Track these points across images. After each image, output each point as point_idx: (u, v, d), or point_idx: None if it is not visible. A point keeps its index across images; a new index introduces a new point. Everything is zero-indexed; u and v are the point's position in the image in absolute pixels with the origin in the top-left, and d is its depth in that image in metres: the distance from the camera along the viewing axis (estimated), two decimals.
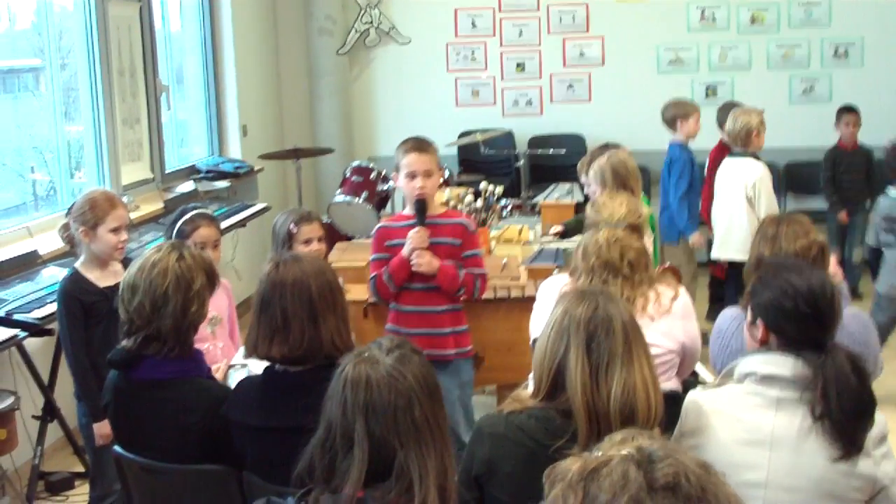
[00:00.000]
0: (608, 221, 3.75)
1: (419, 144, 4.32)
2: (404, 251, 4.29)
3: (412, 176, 4.27)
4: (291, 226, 4.41)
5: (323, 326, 2.78)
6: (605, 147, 5.14)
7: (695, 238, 7.01)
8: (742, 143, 6.46)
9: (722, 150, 7.07)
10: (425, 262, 4.25)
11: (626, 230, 3.51)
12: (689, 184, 7.09)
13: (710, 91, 9.74)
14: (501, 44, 9.86)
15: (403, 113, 9.94)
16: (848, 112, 8.42)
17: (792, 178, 9.63)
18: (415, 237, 4.27)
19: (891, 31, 9.65)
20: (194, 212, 4.49)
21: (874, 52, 9.71)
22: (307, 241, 4.38)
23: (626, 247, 3.37)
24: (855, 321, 3.44)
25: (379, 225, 4.51)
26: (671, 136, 7.24)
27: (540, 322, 3.09)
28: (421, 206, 4.34)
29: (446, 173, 6.93)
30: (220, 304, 4.32)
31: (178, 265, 3.10)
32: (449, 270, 4.28)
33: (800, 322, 2.63)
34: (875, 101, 9.22)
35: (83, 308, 4.29)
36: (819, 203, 9.07)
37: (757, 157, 6.48)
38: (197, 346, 3.26)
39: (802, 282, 2.67)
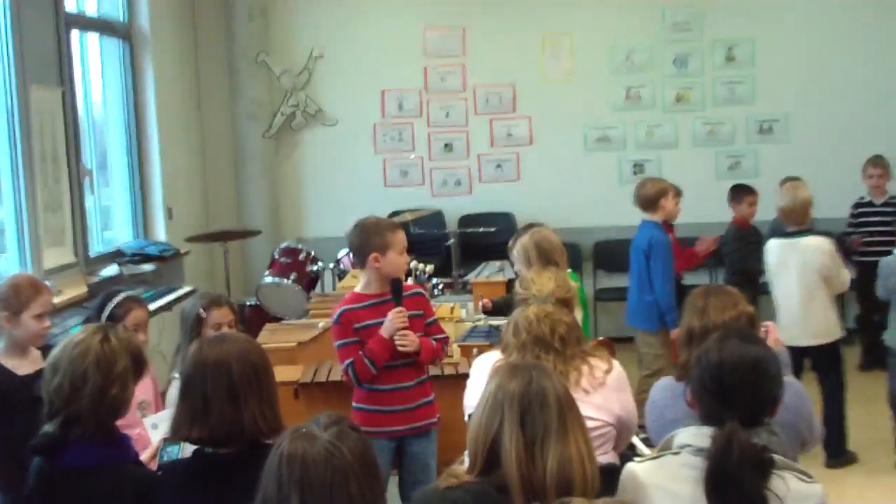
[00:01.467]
0: (537, 297, 3.75)
1: (397, 224, 4.43)
2: (386, 332, 4.29)
3: (401, 252, 4.33)
4: (200, 311, 4.33)
5: (245, 408, 2.75)
6: (529, 227, 5.16)
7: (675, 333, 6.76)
8: (797, 219, 6.41)
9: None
10: (410, 341, 4.28)
11: (555, 305, 3.53)
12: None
13: (637, 168, 9.74)
14: (429, 124, 9.85)
15: (332, 193, 9.91)
16: (749, 192, 8.14)
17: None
18: (396, 318, 4.29)
19: (814, 106, 9.72)
20: (124, 294, 4.43)
21: (799, 127, 9.78)
22: (217, 327, 4.27)
23: (556, 321, 3.38)
24: (787, 390, 3.39)
25: (342, 309, 4.42)
26: (644, 216, 6.99)
27: (474, 397, 3.09)
28: (397, 285, 4.36)
29: None
30: (146, 389, 4.24)
31: (102, 346, 3.02)
32: (427, 344, 4.36)
33: (706, 395, 2.66)
34: (802, 175, 9.06)
35: (1, 397, 4.15)
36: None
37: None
38: (128, 431, 3.22)
39: (715, 355, 2.68)
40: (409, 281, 5.97)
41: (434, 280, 6.70)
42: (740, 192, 8.02)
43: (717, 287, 3.66)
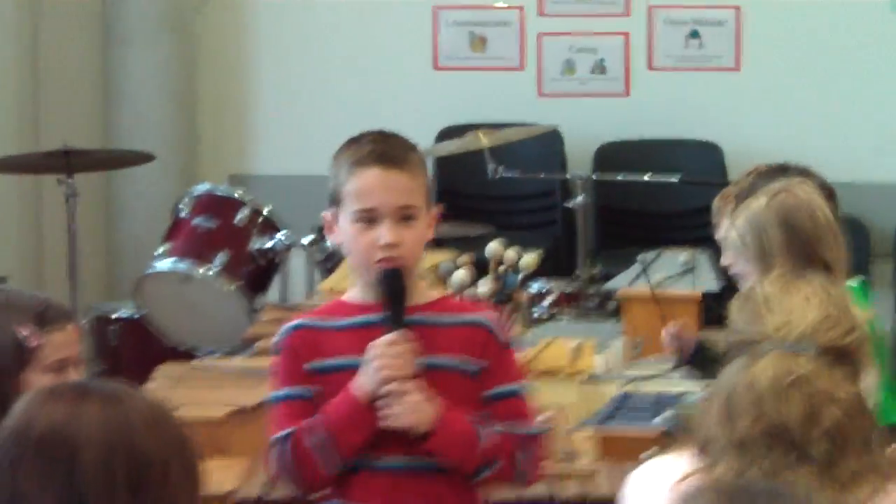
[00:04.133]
0: (780, 339, 2.48)
1: (387, 151, 3.02)
2: (361, 385, 3.02)
3: (370, 219, 2.97)
4: (22, 333, 3.15)
5: None
6: (773, 172, 3.72)
7: None
8: None
9: None
10: (413, 402, 2.99)
11: (819, 360, 2.44)
12: None
13: None
14: None
15: (309, 87, 7.33)
16: None
17: None
18: (386, 353, 3.00)
19: None
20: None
21: None
22: (59, 367, 3.08)
23: (820, 398, 2.38)
24: None
25: (293, 325, 3.16)
26: None
27: None
28: (394, 285, 3.03)
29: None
30: None
31: None
32: (459, 425, 3.06)
33: None
34: None
35: None
36: None
37: None
38: None
39: None
40: (484, 287, 4.63)
41: (535, 286, 5.14)
42: None
43: None
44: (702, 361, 3.97)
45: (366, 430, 3.05)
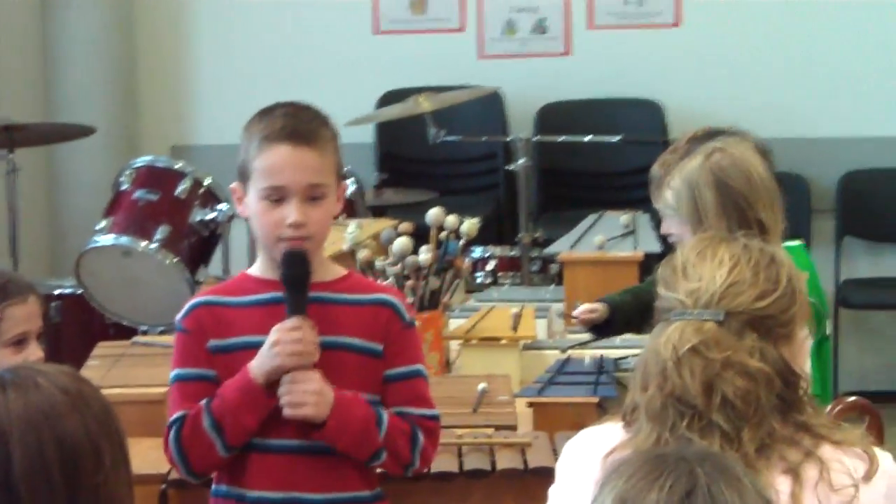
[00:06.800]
0: (689, 305, 2.53)
1: (297, 127, 2.97)
2: (257, 367, 2.96)
3: (278, 197, 2.94)
4: None
5: None
6: (707, 136, 3.66)
7: None
8: None
9: None
10: (311, 392, 2.96)
11: (726, 326, 2.45)
12: None
13: None
14: None
15: (249, 55, 7.32)
16: None
17: None
18: (286, 335, 2.97)
19: None
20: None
21: None
22: (18, 342, 3.16)
23: (721, 366, 2.39)
24: None
25: (194, 302, 3.12)
26: None
27: None
28: (297, 270, 2.99)
29: (350, 187, 5.51)
30: None
31: None
32: (356, 414, 3.04)
33: None
34: None
35: None
36: None
37: None
38: None
39: None
40: (425, 255, 4.33)
41: (477, 252, 5.26)
42: None
43: None
44: (631, 322, 4.20)
45: (260, 413, 3.04)
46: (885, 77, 6.90)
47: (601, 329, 4.26)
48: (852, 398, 3.76)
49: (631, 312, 4.20)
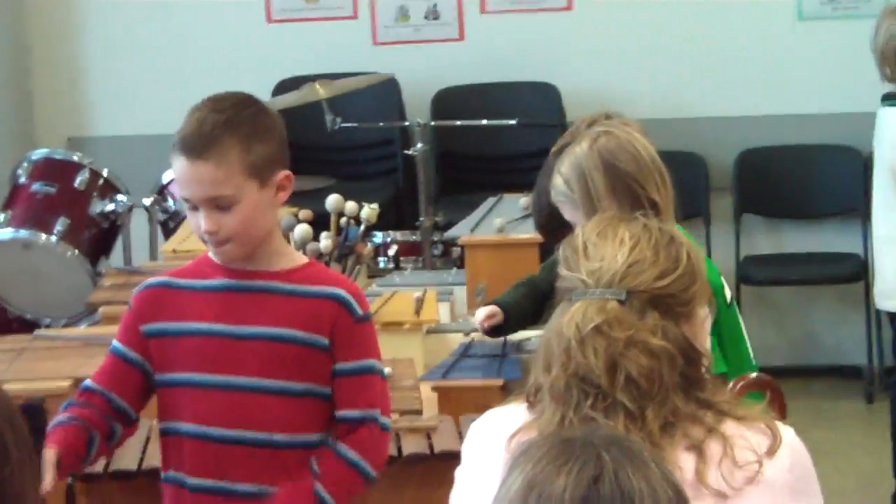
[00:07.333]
0: (591, 285, 2.52)
1: (191, 138, 2.85)
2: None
3: (191, 206, 2.95)
4: None
5: None
6: (594, 120, 3.75)
7: None
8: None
9: None
10: None
11: (628, 305, 2.45)
12: None
13: None
14: None
15: (143, 46, 7.25)
16: None
17: None
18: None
19: None
20: None
21: None
22: None
23: (624, 345, 2.39)
24: None
25: (147, 282, 3.15)
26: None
27: None
28: (34, 421, 3.02)
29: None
30: None
31: None
32: None
33: None
34: None
35: None
36: None
37: None
38: None
39: None
40: (325, 242, 4.54)
41: (378, 237, 5.31)
42: None
43: None
44: (536, 305, 4.20)
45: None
46: (779, 57, 6.92)
47: (498, 330, 4.30)
48: (754, 374, 3.59)
49: (526, 308, 4.27)
